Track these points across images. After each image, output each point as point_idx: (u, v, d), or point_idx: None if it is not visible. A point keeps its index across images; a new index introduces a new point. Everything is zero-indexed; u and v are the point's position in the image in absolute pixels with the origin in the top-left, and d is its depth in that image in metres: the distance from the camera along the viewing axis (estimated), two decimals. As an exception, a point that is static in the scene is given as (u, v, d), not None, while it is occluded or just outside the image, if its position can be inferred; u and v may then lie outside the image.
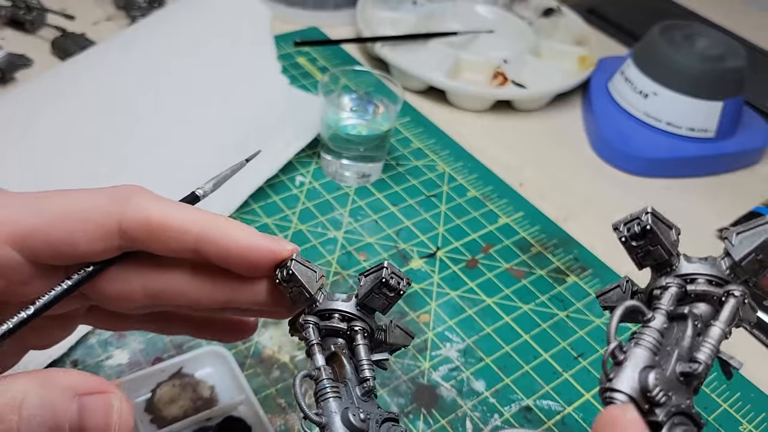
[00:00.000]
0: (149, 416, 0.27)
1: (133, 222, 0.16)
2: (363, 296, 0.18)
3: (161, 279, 0.17)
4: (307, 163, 0.40)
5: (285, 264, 0.18)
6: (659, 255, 0.16)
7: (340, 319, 0.18)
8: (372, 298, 0.18)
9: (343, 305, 0.19)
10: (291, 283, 0.18)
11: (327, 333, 0.19)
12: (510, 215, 0.39)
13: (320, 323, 0.19)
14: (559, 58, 0.50)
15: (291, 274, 0.18)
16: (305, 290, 0.18)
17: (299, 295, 0.18)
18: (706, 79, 0.43)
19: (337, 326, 0.18)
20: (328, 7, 0.53)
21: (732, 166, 0.46)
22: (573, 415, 0.29)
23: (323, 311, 0.19)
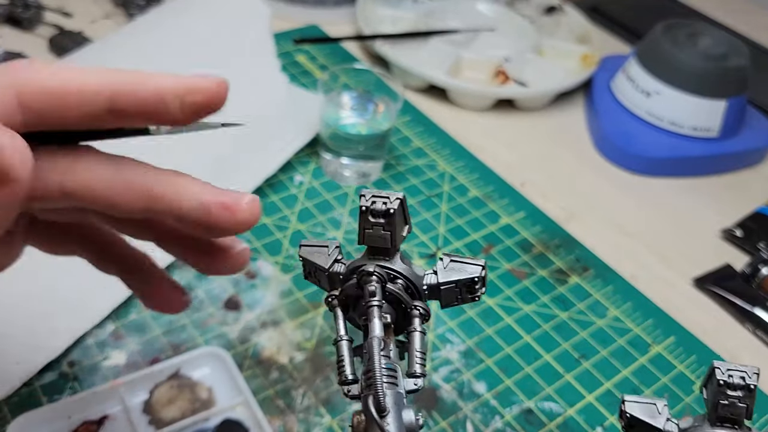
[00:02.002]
0: (147, 417, 0.26)
1: (30, 89, 0.14)
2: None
3: (79, 174, 0.15)
4: (307, 162, 0.40)
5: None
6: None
7: (403, 287, 0.16)
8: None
9: (414, 275, 0.16)
10: (309, 271, 0.16)
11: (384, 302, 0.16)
12: (511, 215, 0.38)
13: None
14: (561, 57, 0.50)
15: (303, 260, 0.16)
16: (320, 268, 0.16)
17: (316, 273, 0.16)
18: (709, 78, 0.43)
19: (401, 295, 0.16)
20: (327, 5, 0.53)
21: (735, 165, 0.46)
22: (575, 418, 0.29)
23: (389, 269, 0.16)
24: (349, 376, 0.15)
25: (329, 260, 0.16)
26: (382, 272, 0.16)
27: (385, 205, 0.16)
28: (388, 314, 0.16)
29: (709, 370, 0.16)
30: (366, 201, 0.16)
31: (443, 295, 0.16)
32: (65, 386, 0.27)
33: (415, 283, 0.16)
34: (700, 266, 0.37)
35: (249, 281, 0.32)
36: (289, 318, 0.31)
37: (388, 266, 0.16)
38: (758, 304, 0.35)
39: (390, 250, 0.16)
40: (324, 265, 0.16)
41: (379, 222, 0.16)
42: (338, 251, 0.17)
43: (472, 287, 0.16)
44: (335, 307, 0.16)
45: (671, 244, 0.39)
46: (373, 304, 0.15)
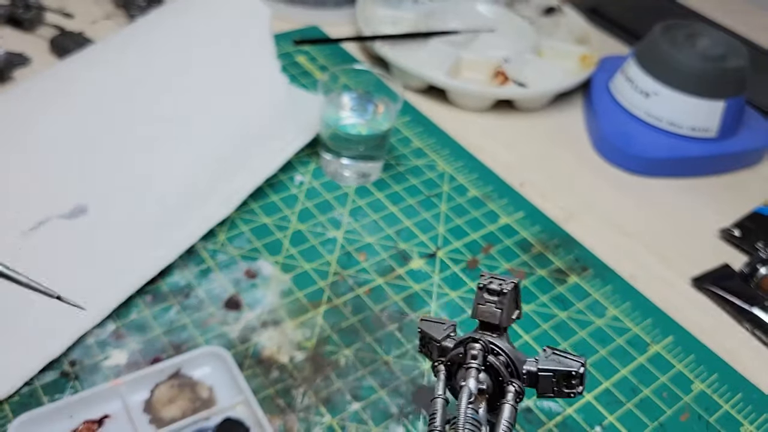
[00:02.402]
0: (148, 416, 0.27)
1: None
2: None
3: None
4: (307, 162, 0.40)
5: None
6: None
7: (503, 363, 0.17)
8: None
9: (516, 357, 0.17)
10: (424, 341, 0.18)
11: (483, 367, 0.17)
12: (510, 215, 0.39)
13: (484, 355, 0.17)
14: (560, 57, 0.50)
15: (420, 332, 0.18)
16: (434, 340, 0.18)
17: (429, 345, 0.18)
18: (707, 78, 0.43)
19: (500, 369, 0.17)
20: (328, 6, 0.53)
21: (734, 166, 0.46)
22: (573, 417, 0.29)
23: (494, 344, 0.17)
24: (438, 426, 0.17)
25: (443, 334, 0.18)
26: (486, 343, 0.17)
27: (500, 286, 0.17)
28: (484, 382, 0.17)
29: None
30: (484, 280, 0.18)
31: (540, 383, 0.18)
32: (66, 385, 0.27)
33: (515, 363, 0.17)
34: (699, 266, 0.37)
35: (249, 281, 0.32)
36: (290, 317, 0.31)
37: (493, 341, 0.17)
38: (756, 303, 0.35)
39: (499, 328, 0.18)
40: (438, 337, 0.18)
41: (492, 300, 0.17)
42: (453, 329, 0.18)
43: (569, 381, 0.17)
44: (440, 371, 0.18)
45: (670, 244, 0.39)
46: (472, 365, 0.17)
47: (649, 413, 0.30)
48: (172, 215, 0.33)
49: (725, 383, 0.31)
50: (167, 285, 0.32)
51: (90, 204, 0.32)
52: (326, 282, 0.33)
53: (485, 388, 0.17)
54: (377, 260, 0.35)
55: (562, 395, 0.18)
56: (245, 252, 0.34)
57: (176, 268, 0.32)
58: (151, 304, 0.31)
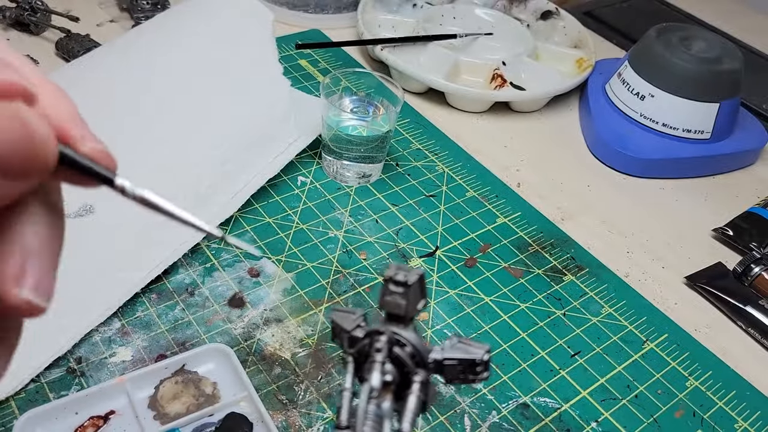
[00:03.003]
0: (152, 413, 0.27)
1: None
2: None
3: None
4: (309, 163, 0.40)
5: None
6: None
7: (409, 354, 0.17)
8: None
9: (422, 347, 0.17)
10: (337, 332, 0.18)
11: (388, 359, 0.17)
12: (508, 215, 0.39)
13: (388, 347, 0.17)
14: (556, 61, 0.51)
15: (332, 323, 0.18)
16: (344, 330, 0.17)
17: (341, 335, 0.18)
18: (702, 81, 0.44)
19: (406, 360, 0.17)
20: (329, 10, 0.54)
21: (728, 167, 0.46)
22: (570, 412, 0.30)
23: (400, 335, 0.17)
24: (343, 422, 0.17)
25: (353, 324, 0.18)
26: (392, 335, 0.17)
27: (405, 278, 0.17)
28: (390, 374, 0.17)
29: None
30: (390, 271, 0.18)
31: (446, 371, 0.18)
32: (72, 382, 0.28)
33: (422, 354, 0.18)
34: (693, 265, 0.38)
35: (252, 279, 0.33)
36: (292, 315, 0.32)
37: (399, 332, 0.17)
38: (750, 302, 0.35)
39: (405, 319, 0.18)
40: (348, 327, 0.18)
41: (398, 291, 0.17)
42: (363, 318, 0.19)
43: (474, 369, 0.18)
44: (348, 362, 0.18)
45: (665, 243, 0.40)
46: (377, 359, 0.17)
47: (644, 410, 0.30)
48: (176, 215, 0.33)
49: (719, 381, 0.32)
50: (172, 283, 0.32)
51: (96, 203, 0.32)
52: (328, 280, 0.33)
53: (391, 380, 0.17)
54: (377, 259, 0.35)
55: (467, 381, 0.18)
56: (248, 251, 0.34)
57: (181, 267, 0.33)
58: (156, 302, 0.31)
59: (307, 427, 0.27)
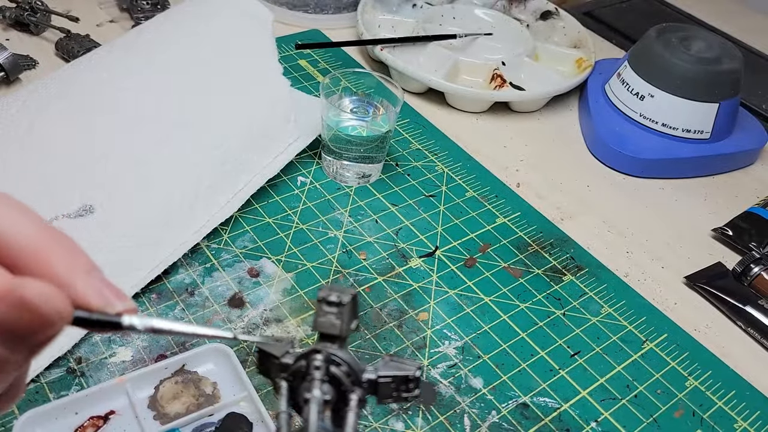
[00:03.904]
0: (152, 413, 0.27)
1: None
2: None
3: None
4: (308, 163, 0.40)
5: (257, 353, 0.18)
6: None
7: (345, 373, 0.17)
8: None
9: (357, 366, 0.18)
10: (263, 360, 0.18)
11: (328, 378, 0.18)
12: (507, 215, 0.39)
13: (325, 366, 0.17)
14: (556, 61, 0.51)
15: (259, 352, 0.18)
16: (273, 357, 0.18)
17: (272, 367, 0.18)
18: (701, 81, 0.44)
19: (342, 378, 0.17)
20: (329, 10, 0.54)
21: (727, 167, 0.46)
22: (569, 412, 0.30)
23: (335, 355, 0.18)
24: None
25: (282, 350, 0.18)
26: (328, 354, 0.17)
27: (338, 298, 0.18)
28: (328, 393, 0.17)
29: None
30: (323, 293, 0.18)
31: (380, 389, 0.18)
32: (72, 382, 0.28)
33: (357, 373, 0.18)
34: (693, 265, 0.38)
35: (252, 279, 0.33)
36: (292, 315, 0.32)
37: (334, 352, 0.18)
38: (749, 302, 0.35)
39: (339, 339, 0.18)
40: (277, 354, 0.18)
41: (331, 311, 0.18)
42: (291, 345, 0.19)
43: (407, 385, 0.18)
44: (281, 386, 0.18)
45: (664, 243, 0.40)
46: (316, 377, 0.17)
47: (643, 409, 0.30)
48: (176, 215, 0.33)
49: (719, 380, 0.32)
50: (172, 283, 0.32)
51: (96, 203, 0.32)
52: (327, 280, 0.33)
53: (329, 399, 0.17)
54: (377, 259, 0.35)
55: (400, 400, 0.18)
56: (248, 251, 0.34)
57: (181, 267, 0.33)
58: (156, 302, 0.31)
59: (307, 427, 0.27)
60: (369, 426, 0.28)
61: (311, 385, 0.17)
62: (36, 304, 0.12)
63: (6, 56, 0.42)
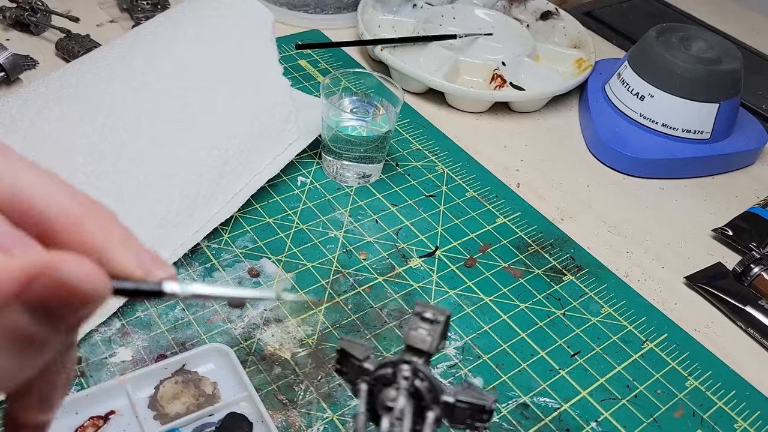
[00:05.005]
0: (152, 413, 0.27)
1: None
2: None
3: None
4: (309, 163, 0.40)
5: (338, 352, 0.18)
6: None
7: (427, 390, 0.18)
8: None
9: (438, 386, 0.18)
10: (343, 361, 0.18)
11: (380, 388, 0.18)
12: (507, 215, 0.39)
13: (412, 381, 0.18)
14: (556, 61, 0.51)
15: (340, 351, 0.18)
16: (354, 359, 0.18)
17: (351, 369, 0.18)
18: (701, 81, 0.44)
19: (424, 394, 0.18)
20: (329, 10, 0.54)
21: (727, 167, 0.46)
22: (569, 412, 0.30)
23: (420, 371, 0.18)
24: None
25: (364, 354, 0.19)
26: (416, 367, 0.18)
27: (434, 316, 0.18)
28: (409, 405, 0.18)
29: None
30: (419, 308, 0.19)
31: (456, 413, 0.18)
32: (72, 382, 0.28)
33: (437, 392, 0.18)
34: (693, 265, 0.38)
35: (252, 279, 0.33)
36: (292, 315, 0.32)
37: (421, 367, 0.18)
38: (750, 302, 0.35)
39: (425, 354, 0.18)
40: (359, 356, 0.18)
41: (425, 327, 0.18)
42: (372, 351, 0.19)
43: (481, 416, 0.18)
44: (361, 389, 0.18)
45: (664, 243, 0.40)
46: (402, 386, 0.17)
47: (643, 410, 0.30)
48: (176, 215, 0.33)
49: (719, 380, 0.32)
50: (171, 283, 0.32)
51: (96, 204, 0.32)
52: (328, 280, 0.33)
53: (410, 410, 0.18)
54: (377, 259, 0.35)
55: (472, 428, 0.19)
56: (248, 251, 0.34)
57: (181, 267, 0.33)
58: (156, 302, 0.31)
59: (307, 427, 0.27)
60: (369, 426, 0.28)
61: (398, 395, 0.17)
62: (73, 282, 0.11)
63: (6, 56, 0.42)
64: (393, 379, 0.18)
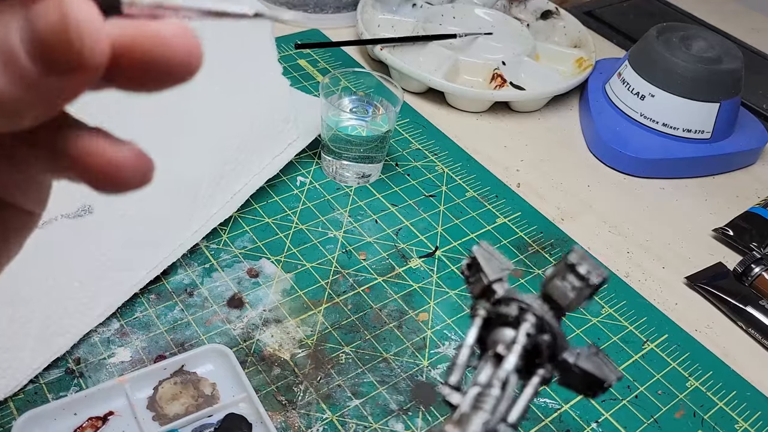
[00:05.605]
0: (151, 413, 0.27)
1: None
2: (545, 281, 0.15)
3: None
4: (308, 163, 0.40)
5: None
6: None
7: (548, 345, 0.15)
8: (554, 284, 0.15)
9: (563, 343, 0.16)
10: (472, 270, 0.16)
11: (499, 322, 0.16)
12: (508, 215, 0.39)
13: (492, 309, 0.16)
14: (556, 60, 0.51)
15: (472, 259, 0.16)
16: (484, 275, 0.16)
17: (477, 283, 0.16)
18: (702, 80, 0.43)
19: (542, 350, 0.15)
20: (328, 10, 0.53)
21: (728, 166, 0.46)
22: (570, 413, 0.30)
23: (550, 324, 0.16)
24: (454, 382, 0.15)
25: (496, 275, 0.16)
26: (543, 321, 0.16)
27: (588, 273, 0.15)
28: (521, 358, 0.15)
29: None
30: (575, 258, 0.16)
31: (570, 376, 0.16)
32: (71, 383, 0.28)
33: (558, 348, 0.16)
34: (694, 265, 0.38)
35: (252, 280, 0.33)
36: (291, 315, 0.32)
37: (550, 320, 0.16)
38: (750, 302, 0.35)
39: (561, 310, 0.16)
40: (490, 276, 0.16)
41: (573, 282, 0.16)
42: (507, 273, 0.17)
43: (597, 387, 0.16)
44: (478, 315, 0.16)
45: (664, 243, 0.40)
46: (520, 340, 0.15)
47: (644, 410, 0.30)
48: (175, 215, 0.33)
49: (720, 381, 0.32)
50: (171, 284, 0.32)
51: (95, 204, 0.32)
52: (327, 280, 0.33)
53: (520, 366, 0.15)
54: (377, 259, 0.35)
55: (580, 393, 0.16)
56: (248, 251, 0.34)
57: (180, 267, 0.33)
58: (155, 303, 0.31)
59: (307, 427, 0.27)
60: (369, 426, 0.28)
61: (509, 349, 0.15)
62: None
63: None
64: (516, 323, 0.15)
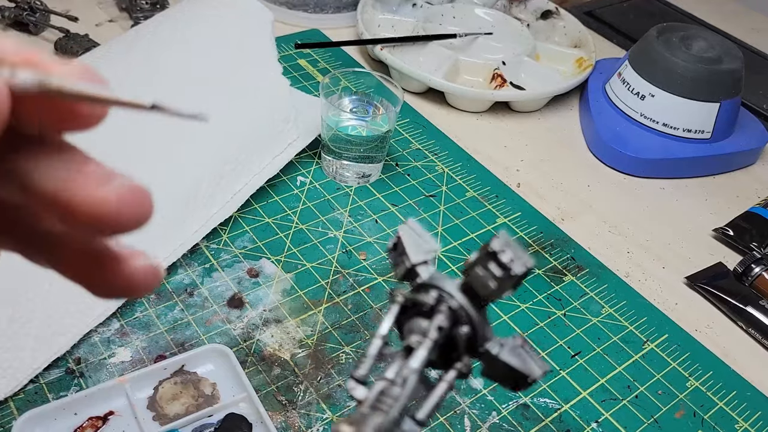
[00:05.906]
0: (152, 413, 0.27)
1: None
2: (466, 268, 0.14)
3: None
4: (308, 163, 0.40)
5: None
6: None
7: (465, 338, 0.14)
8: (474, 273, 0.14)
9: (484, 334, 0.14)
10: (397, 251, 0.15)
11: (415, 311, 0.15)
12: (508, 215, 0.39)
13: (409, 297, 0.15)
14: (556, 60, 0.51)
15: (398, 239, 0.15)
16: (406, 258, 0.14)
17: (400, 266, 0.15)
18: (702, 80, 0.43)
19: (460, 345, 0.14)
20: (328, 10, 0.53)
21: (728, 166, 0.46)
22: (570, 413, 0.30)
23: (468, 315, 0.15)
24: (360, 375, 0.14)
25: (421, 257, 0.15)
26: (461, 312, 0.15)
27: (510, 262, 0.14)
28: (433, 353, 0.15)
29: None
30: (497, 245, 0.14)
31: (494, 369, 0.15)
32: (71, 383, 0.28)
33: (479, 340, 0.15)
34: (694, 265, 0.38)
35: (252, 280, 0.33)
36: (291, 315, 0.32)
37: (468, 310, 0.15)
38: (751, 302, 0.35)
39: (481, 300, 0.15)
40: (413, 258, 0.15)
41: (494, 272, 0.14)
42: (433, 256, 0.16)
43: (520, 381, 0.15)
44: (397, 302, 0.15)
45: (665, 243, 0.40)
46: (431, 336, 0.14)
47: (644, 410, 0.30)
48: (175, 215, 0.33)
49: (720, 381, 0.32)
50: (171, 284, 0.32)
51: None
52: (327, 280, 0.33)
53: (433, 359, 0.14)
54: (377, 259, 0.35)
55: (503, 386, 0.15)
56: (248, 251, 0.34)
57: (180, 267, 0.33)
58: (155, 303, 0.31)
59: (307, 427, 0.27)
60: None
61: (421, 345, 0.14)
62: None
63: (5, 56, 0.42)
64: (430, 313, 0.14)
